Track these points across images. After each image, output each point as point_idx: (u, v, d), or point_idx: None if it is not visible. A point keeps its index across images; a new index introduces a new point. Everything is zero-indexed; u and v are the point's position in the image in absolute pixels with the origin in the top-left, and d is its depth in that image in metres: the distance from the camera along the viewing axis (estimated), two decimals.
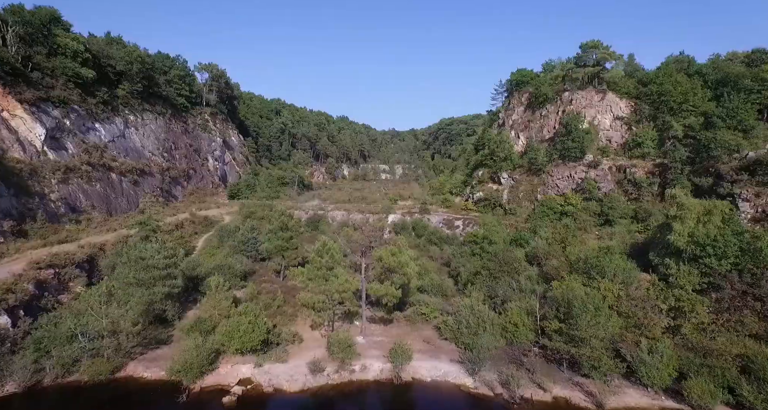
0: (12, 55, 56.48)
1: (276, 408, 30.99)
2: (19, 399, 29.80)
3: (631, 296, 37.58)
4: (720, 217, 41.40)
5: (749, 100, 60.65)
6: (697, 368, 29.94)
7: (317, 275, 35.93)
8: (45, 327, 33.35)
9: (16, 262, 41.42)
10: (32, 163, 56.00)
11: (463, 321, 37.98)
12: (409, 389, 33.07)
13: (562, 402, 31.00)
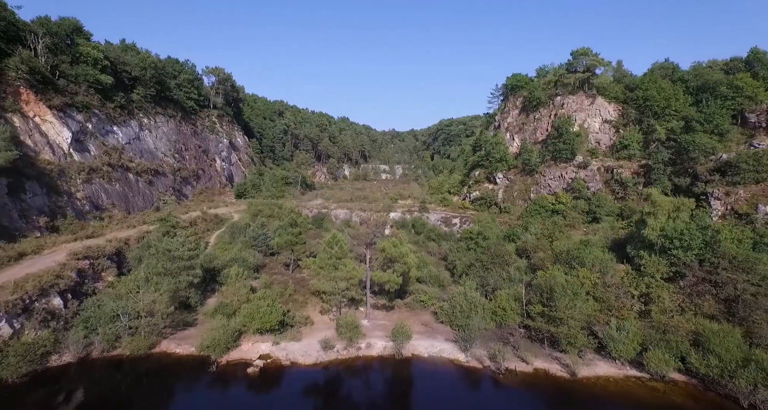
0: (42, 65, 61.39)
1: (293, 378, 35.88)
2: (74, 368, 34.82)
3: (607, 283, 42.63)
4: (688, 214, 46.50)
5: (725, 105, 65.72)
6: (656, 342, 34.95)
7: (327, 264, 40.95)
8: (90, 308, 38.37)
9: (56, 254, 46.36)
10: (60, 164, 60.96)
11: (457, 306, 43.01)
12: (409, 363, 38.05)
13: (542, 373, 36.01)
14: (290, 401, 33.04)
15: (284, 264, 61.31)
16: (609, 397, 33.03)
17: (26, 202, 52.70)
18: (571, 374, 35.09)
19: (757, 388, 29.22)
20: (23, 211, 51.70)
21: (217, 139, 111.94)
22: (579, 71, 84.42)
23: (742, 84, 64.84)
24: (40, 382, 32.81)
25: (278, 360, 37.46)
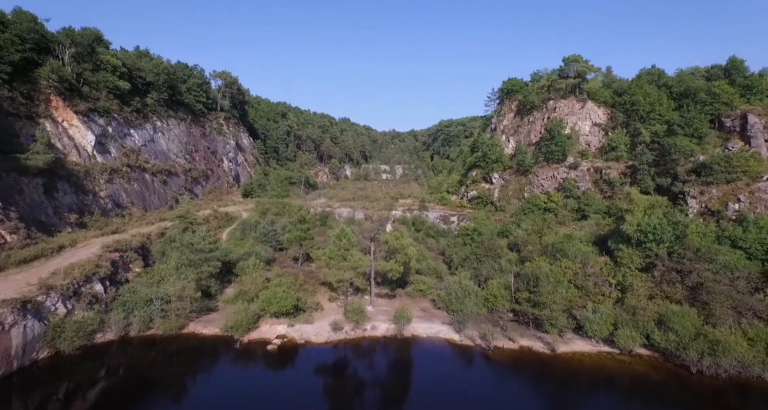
0: (69, 73, 66.64)
1: (307, 354, 41.11)
2: (116, 345, 40.14)
3: (587, 273, 47.89)
4: (662, 211, 51.88)
5: (703, 111, 71.03)
6: (626, 322, 40.23)
7: (337, 254, 46.21)
8: (126, 294, 43.68)
9: (89, 247, 51.60)
10: (86, 165, 66.22)
11: (453, 293, 48.28)
12: (409, 342, 43.31)
13: (526, 350, 41.28)
14: (305, 373, 38.27)
15: (293, 258, 66.59)
16: (584, 369, 38.29)
17: (58, 200, 57.99)
18: (552, 350, 40.36)
19: (703, 357, 34.52)
20: (56, 209, 56.98)
21: (224, 141, 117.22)
22: (570, 77, 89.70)
23: (719, 91, 70.11)
24: (89, 356, 38.13)
25: (293, 339, 42.73)
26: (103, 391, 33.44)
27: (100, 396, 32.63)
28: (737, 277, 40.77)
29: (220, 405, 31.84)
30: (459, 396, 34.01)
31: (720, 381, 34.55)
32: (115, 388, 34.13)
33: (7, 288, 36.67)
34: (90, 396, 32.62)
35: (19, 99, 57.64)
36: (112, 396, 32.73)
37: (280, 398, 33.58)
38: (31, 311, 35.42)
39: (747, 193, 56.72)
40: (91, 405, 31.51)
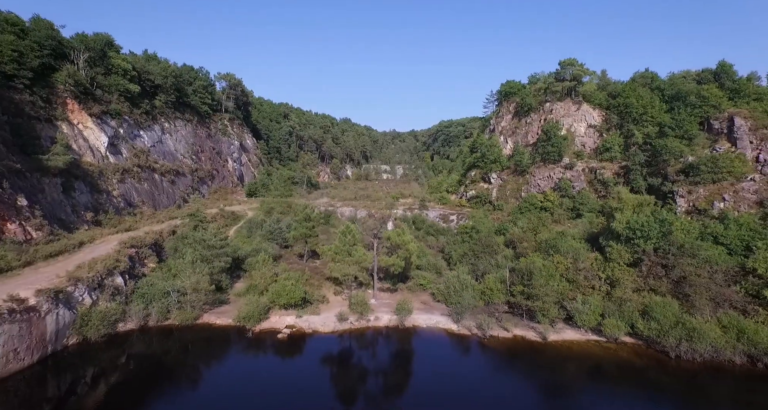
0: (83, 77, 69.80)
1: (315, 343, 44.23)
2: (136, 334, 43.31)
3: (578, 267, 51.03)
4: (649, 209, 55.06)
5: (693, 113, 74.16)
6: (612, 313, 43.39)
7: (342, 250, 49.37)
8: (144, 286, 46.85)
9: (106, 243, 54.73)
10: (99, 165, 69.38)
11: (451, 287, 51.40)
12: (410, 332, 46.46)
13: (519, 338, 44.44)
14: (314, 359, 41.44)
15: (299, 255, 69.70)
16: (573, 356, 41.43)
17: (75, 198, 61.17)
18: (543, 339, 43.53)
19: (681, 343, 37.68)
20: (74, 207, 60.16)
21: (228, 141, 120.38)
22: (566, 80, 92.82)
23: (708, 94, 73.23)
24: (112, 343, 41.33)
25: (302, 329, 45.89)
26: (125, 376, 36.64)
27: (123, 381, 35.81)
28: (716, 271, 43.89)
29: (235, 388, 34.97)
30: (457, 380, 37.16)
31: (696, 365, 37.74)
32: (137, 373, 37.31)
33: (40, 280, 39.82)
34: (114, 380, 35.78)
35: (39, 103, 60.83)
36: (134, 381, 35.90)
37: (291, 382, 36.72)
38: (62, 300, 38.60)
39: (731, 193, 59.87)
40: (115, 388, 34.61)
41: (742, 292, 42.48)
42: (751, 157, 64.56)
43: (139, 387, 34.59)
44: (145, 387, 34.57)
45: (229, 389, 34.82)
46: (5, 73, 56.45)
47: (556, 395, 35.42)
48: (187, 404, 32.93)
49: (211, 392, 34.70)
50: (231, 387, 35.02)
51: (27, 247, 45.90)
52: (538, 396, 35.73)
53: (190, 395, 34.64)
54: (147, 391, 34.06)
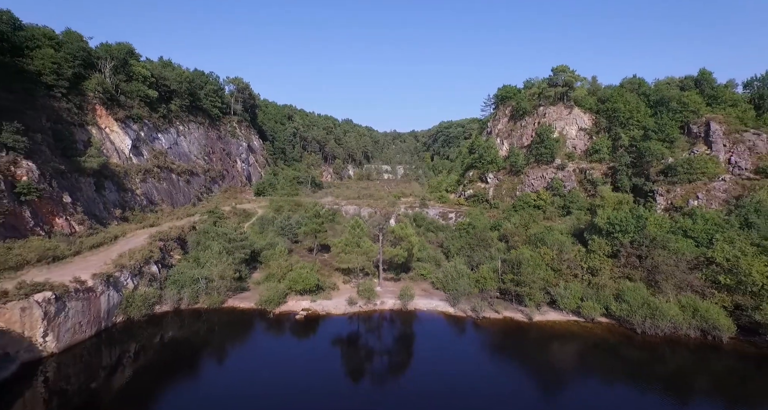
0: (109, 85, 76.32)
1: (328, 323, 50.66)
2: (171, 315, 49.83)
3: (562, 258, 57.51)
4: (628, 206, 61.60)
5: (674, 118, 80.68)
6: (590, 296, 49.89)
7: (352, 242, 55.85)
8: (176, 274, 53.30)
9: (136, 237, 61.18)
10: (124, 166, 75.86)
11: (449, 275, 57.90)
12: (412, 314, 52.95)
13: (508, 319, 50.92)
14: (327, 337, 47.83)
15: (308, 248, 76.12)
16: (555, 333, 47.87)
17: (105, 196, 67.66)
18: (530, 319, 50.03)
19: (646, 320, 44.19)
20: (105, 204, 66.66)
21: (237, 143, 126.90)
22: (559, 85, 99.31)
23: (688, 100, 79.73)
24: (151, 323, 47.85)
25: (316, 311, 52.40)
26: (162, 351, 43.02)
27: (161, 355, 42.17)
28: (681, 260, 50.36)
29: (259, 362, 41.31)
30: (453, 354, 43.72)
31: (658, 339, 44.27)
32: (172, 349, 43.65)
33: (90, 267, 46.30)
34: (152, 355, 42.14)
35: (73, 109, 67.34)
36: (169, 356, 42.11)
37: (308, 356, 43.04)
38: (112, 284, 45.13)
39: (704, 192, 66.37)
40: (154, 361, 40.91)
41: (702, 278, 48.92)
42: (723, 159, 71.06)
43: (173, 361, 40.63)
44: (179, 362, 40.53)
45: (254, 363, 41.21)
46: (46, 84, 62.93)
47: (540, 367, 41.80)
48: (216, 375, 39.13)
49: (237, 365, 40.95)
50: (255, 361, 41.47)
51: (73, 239, 52.40)
52: (525, 367, 42.10)
53: (219, 368, 40.99)
54: (180, 365, 39.96)
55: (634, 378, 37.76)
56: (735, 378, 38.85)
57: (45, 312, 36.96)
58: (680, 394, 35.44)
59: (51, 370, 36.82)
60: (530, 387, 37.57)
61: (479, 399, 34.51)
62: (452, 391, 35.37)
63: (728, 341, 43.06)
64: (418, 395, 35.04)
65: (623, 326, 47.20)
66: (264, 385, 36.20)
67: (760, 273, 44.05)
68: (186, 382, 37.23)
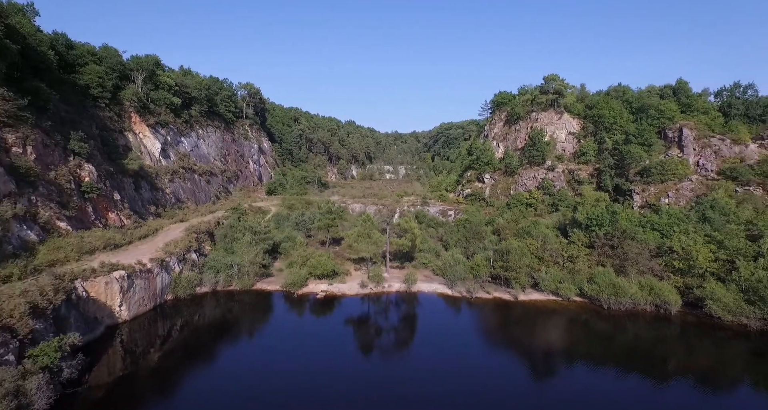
0: (142, 94, 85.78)
1: (343, 302, 59.97)
2: (209, 296, 59.31)
3: (546, 248, 66.88)
4: (604, 203, 70.99)
5: (653, 124, 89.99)
6: (567, 279, 59.30)
7: (363, 233, 65.29)
8: (212, 260, 62.72)
9: (173, 230, 70.54)
10: (155, 167, 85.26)
11: (447, 263, 67.28)
12: (415, 295, 62.35)
13: (498, 299, 60.28)
14: (343, 313, 57.17)
15: (321, 241, 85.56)
16: (536, 310, 57.21)
17: (142, 195, 77.10)
18: (515, 298, 59.44)
19: (611, 297, 53.64)
20: (142, 202, 76.08)
21: (249, 145, 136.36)
22: (550, 93, 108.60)
23: (664, 108, 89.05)
24: (193, 301, 57.29)
25: (333, 292, 61.85)
26: (203, 325, 52.34)
27: (202, 328, 51.45)
28: (644, 248, 59.74)
29: (285, 332, 50.68)
30: (449, 327, 53.21)
31: (620, 313, 53.72)
32: (211, 323, 52.88)
33: (143, 253, 55.64)
34: (195, 328, 51.39)
35: (114, 117, 76.82)
36: (209, 329, 51.18)
37: (327, 328, 52.44)
38: (164, 267, 54.58)
39: (674, 191, 75.71)
40: (196, 333, 50.04)
41: (662, 264, 58.28)
42: (693, 161, 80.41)
43: (212, 333, 49.55)
44: (217, 334, 49.47)
45: (281, 333, 50.69)
46: (93, 96, 72.37)
47: (523, 338, 51.18)
48: (250, 344, 48.34)
49: (266, 336, 50.28)
50: (282, 332, 50.99)
51: (125, 231, 61.83)
52: (510, 338, 51.47)
53: (251, 337, 50.45)
54: (218, 336, 48.74)
55: (601, 345, 47.30)
56: (681, 342, 48.29)
57: (121, 287, 46.45)
58: (637, 356, 44.65)
59: (125, 334, 46.32)
60: (515, 353, 47.01)
61: (472, 359, 44.07)
62: (448, 357, 44.74)
63: (676, 313, 52.60)
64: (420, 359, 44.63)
65: (593, 303, 56.62)
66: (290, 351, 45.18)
67: (705, 258, 53.47)
68: (224, 348, 46.47)
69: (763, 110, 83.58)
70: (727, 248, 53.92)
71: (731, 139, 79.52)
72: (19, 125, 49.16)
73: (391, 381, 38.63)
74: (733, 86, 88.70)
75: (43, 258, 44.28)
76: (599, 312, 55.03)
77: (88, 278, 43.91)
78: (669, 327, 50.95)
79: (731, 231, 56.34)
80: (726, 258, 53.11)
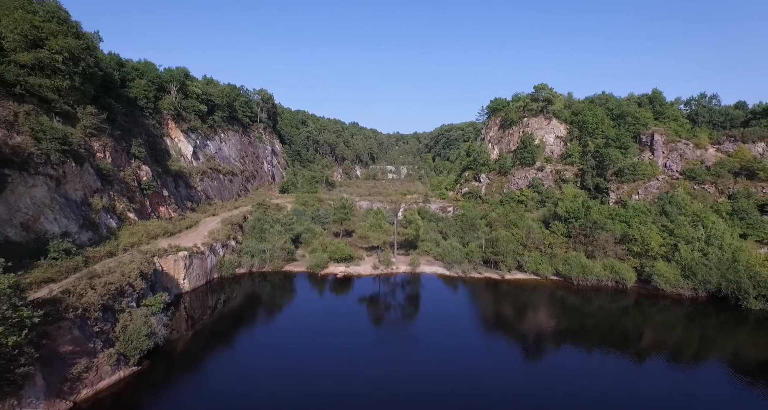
0: (176, 103, 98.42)
1: (358, 280, 72.59)
2: (246, 275, 72.06)
3: (529, 237, 79.52)
4: (581, 199, 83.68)
5: (629, 129, 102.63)
6: (546, 261, 71.96)
7: (375, 224, 77.93)
8: (249, 247, 75.37)
9: (209, 222, 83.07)
10: (189, 168, 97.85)
11: (446, 250, 79.93)
12: (419, 275, 75.04)
13: (488, 278, 72.96)
14: (358, 290, 69.80)
15: (334, 233, 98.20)
16: (519, 287, 69.84)
17: (180, 192, 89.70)
18: (502, 277, 72.14)
19: (579, 276, 66.33)
20: (181, 198, 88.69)
21: (263, 147, 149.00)
22: (540, 100, 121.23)
23: (639, 115, 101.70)
24: (234, 280, 69.98)
25: (350, 273, 74.52)
26: (242, 299, 64.99)
27: (241, 301, 64.17)
28: (611, 236, 72.34)
29: (311, 304, 63.46)
30: (447, 299, 65.86)
31: (587, 288, 66.46)
32: (248, 297, 65.57)
33: (192, 240, 68.13)
34: (236, 301, 63.98)
35: (156, 125, 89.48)
36: (247, 302, 64.01)
37: (345, 301, 65.12)
38: (212, 250, 67.22)
39: (644, 189, 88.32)
40: (237, 305, 62.52)
41: (625, 249, 70.90)
42: (661, 163, 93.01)
43: (249, 306, 62.31)
44: (253, 306, 62.22)
45: (307, 305, 63.44)
46: (140, 107, 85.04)
47: (507, 308, 63.84)
48: (281, 314, 60.82)
49: (296, 306, 63.00)
50: (308, 304, 63.72)
51: (173, 222, 74.45)
52: (497, 309, 64.13)
53: (283, 309, 63.21)
54: (254, 308, 61.59)
55: (571, 314, 59.79)
56: (634, 309, 60.89)
57: (185, 264, 59.14)
58: (599, 321, 57.33)
59: (187, 302, 59.04)
60: (499, 319, 59.70)
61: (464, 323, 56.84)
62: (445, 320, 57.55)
63: (631, 287, 65.44)
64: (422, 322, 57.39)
65: (566, 281, 69.31)
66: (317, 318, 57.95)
67: (657, 243, 66.11)
68: (259, 317, 59.29)
69: (724, 118, 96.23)
70: (675, 235, 66.59)
71: (694, 143, 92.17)
72: (101, 135, 61.83)
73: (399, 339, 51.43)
74: (700, 96, 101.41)
75: (125, 241, 56.87)
76: (570, 288, 67.74)
77: (162, 256, 56.57)
78: (625, 298, 63.67)
79: (680, 221, 68.94)
80: (672, 242, 65.77)
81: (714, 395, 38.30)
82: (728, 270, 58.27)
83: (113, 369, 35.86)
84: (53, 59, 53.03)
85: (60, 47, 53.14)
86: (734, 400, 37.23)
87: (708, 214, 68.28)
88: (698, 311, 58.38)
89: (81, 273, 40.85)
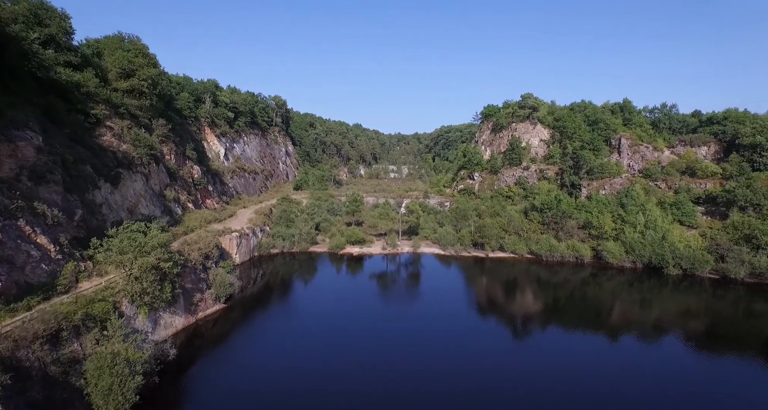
0: (210, 110, 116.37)
1: (370, 259, 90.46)
2: (278, 255, 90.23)
3: (510, 224, 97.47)
4: (554, 193, 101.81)
5: (602, 134, 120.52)
6: (522, 243, 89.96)
7: (383, 214, 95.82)
8: (278, 232, 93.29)
9: (244, 213, 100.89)
10: (221, 167, 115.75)
11: (441, 234, 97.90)
12: (419, 255, 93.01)
13: (475, 256, 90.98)
14: (371, 266, 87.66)
15: (346, 223, 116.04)
16: (501, 263, 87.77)
17: (218, 188, 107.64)
18: (486, 256, 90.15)
19: (548, 254, 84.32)
20: (218, 193, 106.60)
21: (278, 148, 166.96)
22: (526, 108, 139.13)
23: (610, 122, 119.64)
24: (269, 258, 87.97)
25: (363, 253, 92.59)
26: (276, 273, 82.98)
27: (275, 276, 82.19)
28: (576, 223, 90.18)
29: (333, 277, 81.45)
30: (441, 273, 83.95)
31: (554, 263, 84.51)
32: (280, 272, 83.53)
33: (236, 225, 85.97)
34: (271, 275, 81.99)
35: (196, 131, 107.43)
36: (279, 275, 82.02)
37: (360, 274, 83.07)
38: (253, 233, 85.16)
39: (608, 185, 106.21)
40: (272, 278, 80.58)
41: (587, 233, 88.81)
42: (626, 163, 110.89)
43: (282, 280, 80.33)
44: (285, 279, 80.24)
45: (330, 277, 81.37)
46: (185, 116, 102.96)
47: (491, 279, 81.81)
48: (308, 286, 78.98)
49: (320, 278, 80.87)
50: (331, 276, 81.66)
51: (218, 212, 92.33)
52: (481, 281, 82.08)
53: (311, 279, 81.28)
54: (286, 281, 79.67)
55: (539, 284, 77.52)
56: (589, 279, 78.77)
57: (237, 243, 77.09)
58: (561, 288, 75.28)
59: (239, 271, 76.94)
60: (483, 288, 77.70)
61: (454, 291, 74.97)
62: (439, 290, 75.58)
63: (588, 262, 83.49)
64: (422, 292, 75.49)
65: (537, 258, 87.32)
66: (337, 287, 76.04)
67: (609, 227, 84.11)
68: (290, 288, 77.38)
69: (681, 125, 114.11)
70: (624, 221, 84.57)
71: (653, 146, 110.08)
72: (167, 141, 79.81)
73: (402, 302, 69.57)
74: (662, 105, 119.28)
75: (191, 224, 74.68)
76: (540, 263, 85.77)
77: (221, 235, 74.52)
78: (583, 270, 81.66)
79: (629, 210, 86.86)
80: (621, 227, 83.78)
81: (645, 332, 56.37)
82: (657, 247, 76.27)
83: (213, 303, 53.87)
84: (141, 85, 70.97)
85: (146, 75, 71.09)
86: (657, 334, 55.31)
87: (650, 205, 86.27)
88: (636, 278, 76.30)
89: (179, 241, 58.80)
